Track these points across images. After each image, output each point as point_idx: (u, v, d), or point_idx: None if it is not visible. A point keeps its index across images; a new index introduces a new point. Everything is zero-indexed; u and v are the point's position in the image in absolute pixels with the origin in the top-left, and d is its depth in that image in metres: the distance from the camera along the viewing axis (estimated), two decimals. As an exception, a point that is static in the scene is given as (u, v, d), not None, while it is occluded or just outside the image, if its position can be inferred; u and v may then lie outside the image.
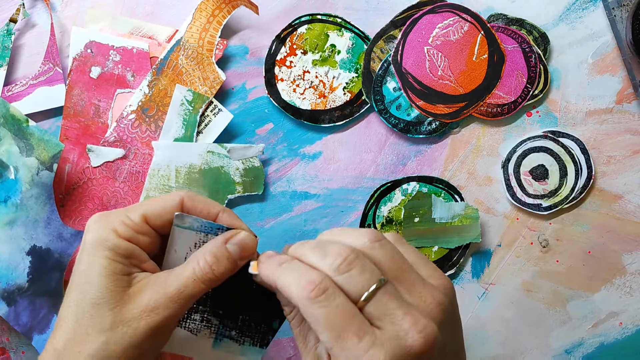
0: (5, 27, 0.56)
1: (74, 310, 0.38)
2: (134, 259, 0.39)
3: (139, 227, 0.40)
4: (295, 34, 0.56)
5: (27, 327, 0.52)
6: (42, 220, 0.52)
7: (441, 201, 0.55)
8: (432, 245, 0.55)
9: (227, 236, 0.40)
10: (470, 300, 0.56)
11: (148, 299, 0.38)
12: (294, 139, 0.57)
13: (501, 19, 0.56)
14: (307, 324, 0.39)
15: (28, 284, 0.51)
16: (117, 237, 0.39)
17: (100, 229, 0.39)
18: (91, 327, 0.37)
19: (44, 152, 0.52)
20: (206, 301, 0.42)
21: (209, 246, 0.40)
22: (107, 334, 0.37)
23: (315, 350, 0.38)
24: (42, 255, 0.52)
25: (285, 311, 0.40)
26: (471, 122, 0.57)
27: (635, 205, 0.57)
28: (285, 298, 0.37)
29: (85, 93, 0.55)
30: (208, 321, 0.43)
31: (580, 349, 0.57)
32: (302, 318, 0.39)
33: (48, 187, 0.52)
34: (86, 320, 0.38)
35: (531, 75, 0.56)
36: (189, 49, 0.55)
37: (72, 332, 0.38)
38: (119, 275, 0.38)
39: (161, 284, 0.38)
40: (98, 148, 0.55)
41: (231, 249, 0.40)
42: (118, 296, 0.38)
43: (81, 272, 0.39)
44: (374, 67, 0.56)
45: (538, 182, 0.56)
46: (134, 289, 0.38)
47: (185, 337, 0.43)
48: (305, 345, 0.39)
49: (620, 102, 0.57)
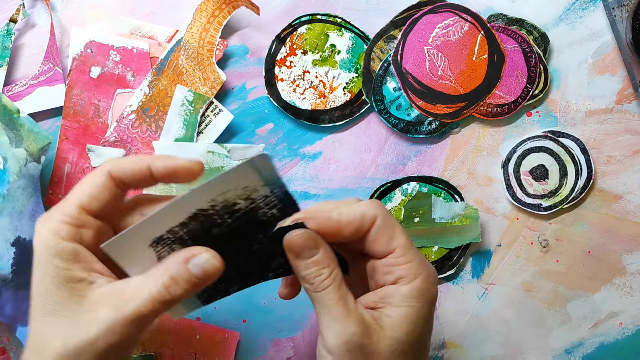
0: (5, 27, 0.56)
1: (33, 322, 0.37)
2: (82, 262, 0.37)
3: (79, 220, 0.37)
4: (295, 34, 0.56)
5: (10, 318, 0.51)
6: (27, 212, 0.51)
7: (441, 201, 0.55)
8: (432, 245, 0.55)
9: (188, 254, 0.37)
10: (470, 300, 0.56)
11: (105, 318, 0.36)
12: (294, 139, 0.57)
13: (501, 19, 0.56)
14: (344, 286, 0.38)
15: (12, 275, 0.50)
16: (61, 239, 0.36)
17: (44, 233, 0.37)
18: (50, 338, 0.36)
19: (32, 143, 0.51)
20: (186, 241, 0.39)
21: (171, 262, 0.37)
22: (66, 347, 0.36)
23: (357, 310, 0.37)
24: (26, 247, 0.51)
25: (321, 277, 0.38)
26: (471, 122, 0.57)
27: (635, 205, 0.57)
28: (327, 257, 0.38)
29: (85, 93, 0.55)
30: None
31: (580, 349, 0.57)
32: (341, 280, 0.38)
33: (35, 179, 0.52)
34: (42, 330, 0.36)
35: (531, 75, 0.56)
36: (189, 49, 0.55)
37: (33, 342, 0.37)
38: (72, 284, 0.36)
39: (117, 302, 0.36)
40: (98, 148, 0.55)
41: (194, 271, 0.37)
42: (75, 306, 0.36)
43: (35, 284, 0.37)
44: (374, 67, 0.56)
45: (538, 182, 0.56)
46: (91, 298, 0.36)
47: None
48: (348, 307, 0.37)
49: (620, 102, 0.57)
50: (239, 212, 0.38)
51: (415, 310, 0.37)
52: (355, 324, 0.36)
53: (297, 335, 0.56)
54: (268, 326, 0.56)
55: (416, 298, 0.37)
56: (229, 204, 0.38)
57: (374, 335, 0.37)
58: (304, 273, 0.38)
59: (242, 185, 0.37)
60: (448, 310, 0.56)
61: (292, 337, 0.56)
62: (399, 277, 0.38)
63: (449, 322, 0.56)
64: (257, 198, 0.38)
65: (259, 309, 0.56)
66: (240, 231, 0.39)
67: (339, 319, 0.37)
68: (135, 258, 0.38)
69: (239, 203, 0.38)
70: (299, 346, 0.56)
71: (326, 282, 0.37)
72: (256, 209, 0.38)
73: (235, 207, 0.38)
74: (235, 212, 0.38)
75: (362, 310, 0.37)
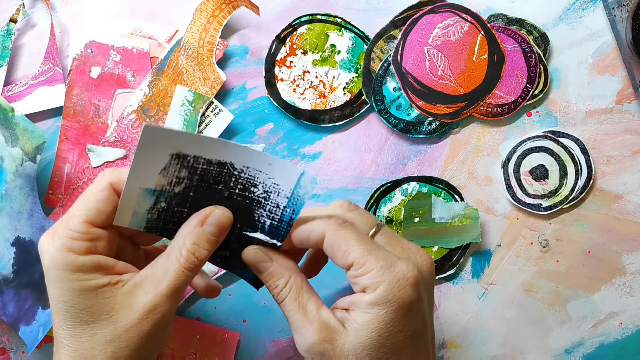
0: (5, 27, 0.56)
1: (69, 332, 0.38)
2: (104, 270, 0.38)
3: (89, 235, 0.39)
4: (295, 34, 0.56)
5: (13, 318, 0.52)
6: (26, 211, 0.51)
7: (441, 201, 0.55)
8: (432, 245, 0.55)
9: (201, 218, 0.39)
10: (470, 300, 0.56)
11: (143, 302, 0.38)
12: (294, 139, 0.57)
13: (501, 19, 0.56)
14: (304, 294, 0.39)
15: (13, 275, 0.50)
16: (76, 255, 0.38)
17: (54, 252, 0.38)
18: (95, 344, 0.37)
19: (27, 142, 0.51)
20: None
21: (185, 230, 0.39)
22: (113, 345, 0.37)
23: (319, 316, 0.39)
24: (26, 246, 0.51)
25: (277, 288, 0.40)
26: (471, 122, 0.57)
27: (635, 205, 0.57)
28: (281, 268, 0.40)
29: (85, 93, 0.55)
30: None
31: (580, 349, 0.57)
32: (300, 288, 0.40)
33: (31, 179, 0.52)
34: (86, 338, 0.38)
35: (531, 75, 0.56)
36: (189, 49, 0.55)
37: (76, 351, 0.37)
38: (98, 290, 0.38)
39: (151, 284, 0.38)
40: (98, 148, 0.55)
41: (209, 230, 0.39)
42: (108, 307, 0.38)
43: (57, 299, 0.38)
44: (374, 67, 0.56)
45: (538, 182, 0.56)
46: (122, 295, 0.38)
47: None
48: (307, 315, 0.39)
49: (620, 102, 0.57)
50: (245, 191, 0.40)
51: (379, 318, 0.37)
52: (313, 332, 0.38)
53: (297, 335, 0.56)
54: (268, 326, 0.56)
55: (380, 305, 0.37)
56: (247, 181, 0.40)
57: (340, 340, 0.38)
58: (266, 284, 0.41)
59: (276, 182, 0.39)
60: (448, 310, 0.56)
61: (292, 337, 0.56)
62: (363, 287, 0.38)
63: (449, 322, 0.56)
64: (271, 202, 0.40)
65: (259, 309, 0.56)
66: (232, 205, 0.40)
67: (298, 328, 0.39)
68: (142, 209, 0.40)
69: (257, 187, 0.40)
70: (299, 346, 0.56)
71: (282, 292, 0.40)
72: (259, 206, 0.40)
73: (249, 187, 0.40)
74: (243, 189, 0.40)
75: (327, 316, 0.39)
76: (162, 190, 0.39)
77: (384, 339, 0.37)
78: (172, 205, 0.40)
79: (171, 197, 0.40)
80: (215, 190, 0.40)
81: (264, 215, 0.40)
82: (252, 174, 0.39)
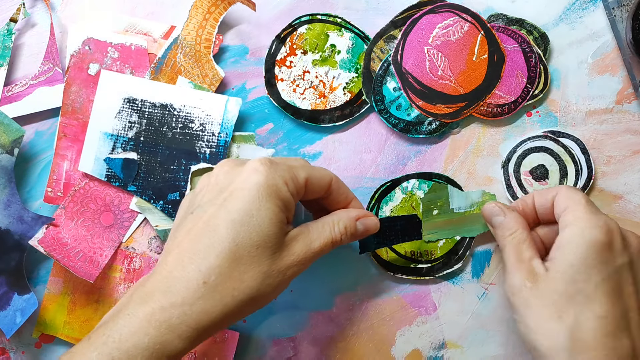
0: (6, 27, 0.56)
1: (231, 248, 0.40)
2: (289, 213, 0.44)
3: (301, 188, 0.44)
4: (295, 34, 0.56)
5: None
6: (2, 202, 0.53)
7: (457, 191, 0.55)
8: (454, 236, 0.55)
9: (360, 214, 0.47)
10: (470, 300, 0.56)
11: (299, 251, 0.43)
12: (294, 139, 0.57)
13: (501, 19, 0.56)
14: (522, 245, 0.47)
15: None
16: (287, 190, 0.43)
17: (273, 176, 0.42)
18: (251, 268, 0.40)
19: (4, 135, 0.53)
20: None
21: (344, 216, 0.47)
22: (263, 277, 0.41)
23: (529, 263, 0.46)
24: (2, 235, 0.53)
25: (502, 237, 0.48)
26: (471, 122, 0.57)
27: (635, 205, 0.57)
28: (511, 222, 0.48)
29: (84, 90, 0.55)
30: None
31: (581, 350, 0.57)
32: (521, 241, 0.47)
33: (8, 171, 0.53)
34: (246, 260, 0.40)
35: (531, 75, 0.56)
36: (186, 47, 0.55)
37: (228, 268, 0.40)
38: (283, 225, 0.42)
39: (308, 240, 0.44)
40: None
41: (359, 227, 0.47)
42: (278, 243, 0.42)
43: (245, 212, 0.41)
44: (374, 67, 0.56)
45: (538, 182, 0.56)
46: (287, 239, 0.43)
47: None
48: (519, 260, 0.46)
49: (620, 102, 0.57)
50: (185, 129, 0.48)
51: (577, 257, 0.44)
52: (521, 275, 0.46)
53: (297, 335, 0.56)
54: (268, 326, 0.56)
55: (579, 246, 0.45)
56: (185, 118, 0.48)
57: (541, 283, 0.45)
58: (495, 233, 0.50)
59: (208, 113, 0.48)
60: (448, 310, 0.56)
61: (292, 337, 0.56)
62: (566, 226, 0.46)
63: (449, 322, 0.56)
64: (207, 132, 0.48)
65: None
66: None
67: (509, 269, 0.47)
68: (102, 154, 0.50)
69: (194, 122, 0.48)
70: (299, 346, 0.56)
71: (506, 240, 0.48)
72: (198, 139, 0.48)
73: (188, 124, 0.48)
74: (183, 127, 0.48)
75: (536, 264, 0.46)
76: (118, 135, 0.45)
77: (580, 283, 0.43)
78: (127, 150, 0.46)
79: (125, 142, 0.46)
80: (161, 132, 0.46)
81: (203, 146, 0.46)
82: (189, 111, 0.46)
